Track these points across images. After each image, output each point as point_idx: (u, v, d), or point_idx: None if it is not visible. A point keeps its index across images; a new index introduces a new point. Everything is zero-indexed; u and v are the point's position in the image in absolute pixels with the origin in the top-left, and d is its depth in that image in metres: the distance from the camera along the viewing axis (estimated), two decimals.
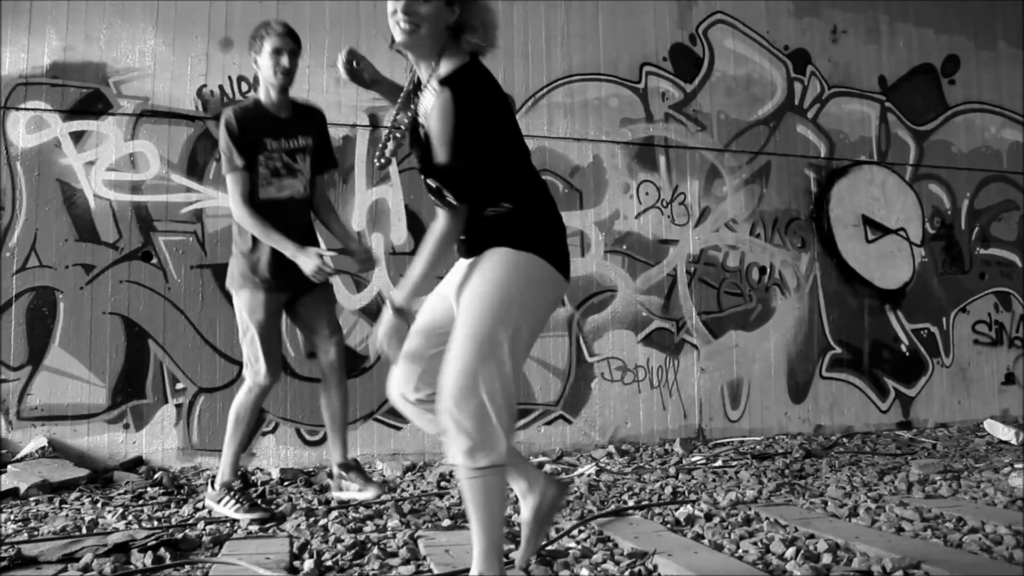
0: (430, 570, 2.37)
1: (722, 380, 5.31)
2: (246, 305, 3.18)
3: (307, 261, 3.02)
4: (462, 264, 2.05)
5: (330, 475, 3.45)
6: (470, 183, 1.92)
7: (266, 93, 3.18)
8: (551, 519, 2.22)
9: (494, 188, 1.96)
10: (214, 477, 3.27)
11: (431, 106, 1.89)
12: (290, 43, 3.11)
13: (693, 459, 4.45)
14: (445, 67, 1.92)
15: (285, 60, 3.10)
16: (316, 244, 3.24)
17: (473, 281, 1.94)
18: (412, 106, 2.00)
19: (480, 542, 1.93)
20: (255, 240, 3.15)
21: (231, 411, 3.25)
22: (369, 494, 3.21)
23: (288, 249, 3.06)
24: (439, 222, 1.97)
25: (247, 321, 3.18)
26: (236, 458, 3.24)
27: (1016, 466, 3.91)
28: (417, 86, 2.01)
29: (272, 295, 3.18)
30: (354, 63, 2.22)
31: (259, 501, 3.35)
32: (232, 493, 3.14)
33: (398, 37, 1.89)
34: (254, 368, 3.20)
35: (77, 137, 4.36)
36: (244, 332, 3.22)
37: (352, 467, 3.31)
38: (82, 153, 4.36)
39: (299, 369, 4.50)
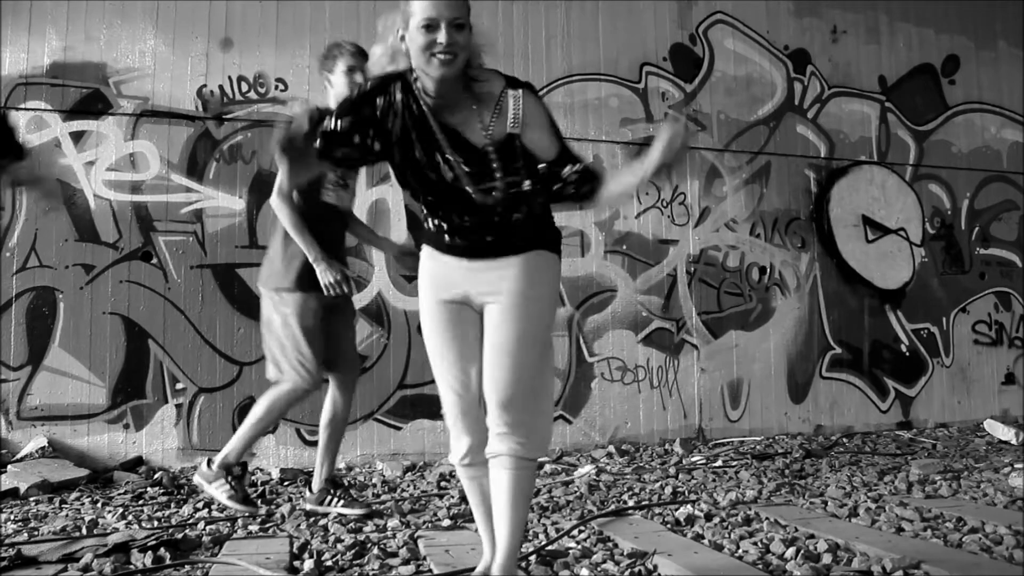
0: (430, 570, 2.37)
1: (722, 380, 5.31)
2: (297, 309, 3.06)
3: (328, 272, 3.01)
4: (475, 266, 1.97)
5: (309, 487, 3.27)
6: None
7: None
8: None
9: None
10: (211, 459, 3.10)
11: (526, 109, 1.91)
12: (363, 61, 3.10)
13: (693, 459, 4.45)
14: (492, 81, 1.94)
15: (359, 77, 3.09)
16: (344, 257, 3.27)
17: (525, 284, 1.94)
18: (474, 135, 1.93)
19: (510, 539, 1.94)
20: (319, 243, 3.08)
21: (263, 401, 3.08)
22: (355, 512, 3.10)
23: (312, 253, 3.02)
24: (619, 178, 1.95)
25: (294, 325, 3.05)
26: (249, 446, 3.13)
27: (1016, 466, 3.91)
28: (439, 120, 1.94)
29: (324, 301, 3.11)
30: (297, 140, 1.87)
31: (253, 496, 3.30)
32: (228, 478, 3.06)
33: (436, 71, 1.85)
34: (299, 374, 3.05)
35: (77, 137, 4.37)
36: (284, 335, 3.07)
37: (340, 485, 3.23)
38: (82, 153, 4.36)
39: None
